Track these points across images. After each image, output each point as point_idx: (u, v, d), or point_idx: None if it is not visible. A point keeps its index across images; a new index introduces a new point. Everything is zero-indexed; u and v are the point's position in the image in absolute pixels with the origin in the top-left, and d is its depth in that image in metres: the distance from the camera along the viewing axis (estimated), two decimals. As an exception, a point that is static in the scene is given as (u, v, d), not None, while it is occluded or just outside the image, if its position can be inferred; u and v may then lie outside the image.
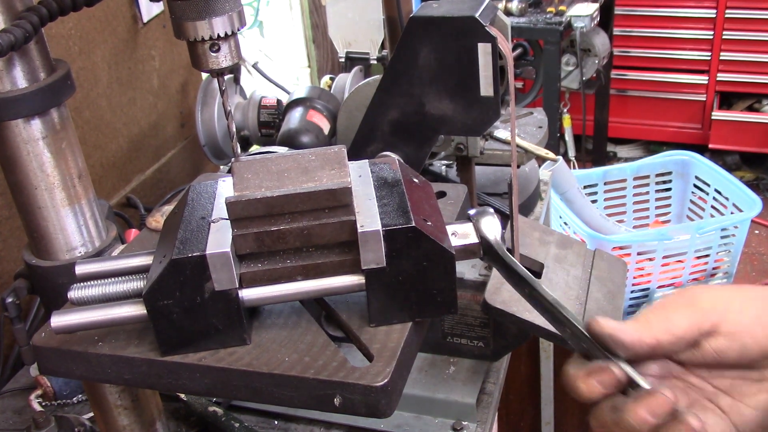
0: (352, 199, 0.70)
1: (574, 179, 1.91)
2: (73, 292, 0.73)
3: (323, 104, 1.67)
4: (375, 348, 0.70)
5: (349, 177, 0.71)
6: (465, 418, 1.14)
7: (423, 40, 1.16)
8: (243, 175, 0.72)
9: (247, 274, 0.71)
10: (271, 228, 0.69)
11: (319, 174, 0.72)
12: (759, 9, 3.80)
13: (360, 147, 1.29)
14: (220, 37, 0.73)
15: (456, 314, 1.03)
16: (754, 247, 3.52)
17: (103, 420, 0.94)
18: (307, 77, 2.96)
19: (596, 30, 3.48)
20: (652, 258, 1.88)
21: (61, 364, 0.76)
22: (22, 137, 0.83)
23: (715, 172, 2.04)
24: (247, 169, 0.73)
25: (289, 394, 0.71)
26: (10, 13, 0.79)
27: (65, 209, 0.88)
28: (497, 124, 1.44)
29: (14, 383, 1.36)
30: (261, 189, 0.70)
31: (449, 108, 1.19)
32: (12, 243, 1.45)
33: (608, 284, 1.16)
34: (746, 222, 1.87)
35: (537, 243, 1.21)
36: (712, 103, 4.07)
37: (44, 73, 0.83)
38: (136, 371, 0.74)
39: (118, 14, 1.72)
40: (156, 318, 0.70)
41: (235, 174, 0.73)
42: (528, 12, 3.46)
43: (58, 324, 0.72)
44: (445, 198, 0.92)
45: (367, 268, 0.69)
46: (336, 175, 0.71)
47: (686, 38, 4.02)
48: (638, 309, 1.97)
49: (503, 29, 1.21)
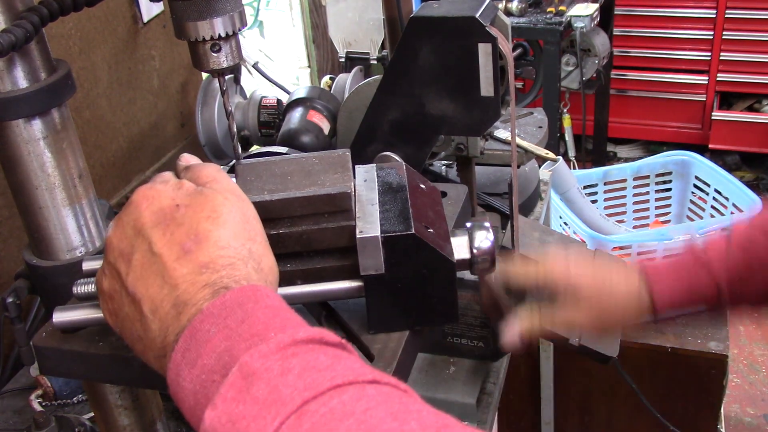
0: (351, 204, 0.70)
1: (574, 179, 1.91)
2: (78, 288, 0.74)
3: (323, 104, 1.67)
4: (376, 348, 0.70)
5: (351, 182, 0.71)
6: (465, 418, 1.14)
7: (423, 40, 1.16)
8: (246, 177, 0.72)
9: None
10: (271, 232, 0.69)
11: (323, 178, 0.71)
12: (759, 9, 3.80)
13: (360, 147, 1.29)
14: (221, 37, 0.73)
15: (456, 322, 1.03)
16: (754, 247, 3.52)
17: (103, 420, 0.94)
18: (307, 77, 2.96)
19: (596, 30, 3.48)
20: (652, 258, 1.88)
21: (61, 364, 0.76)
22: (22, 137, 0.83)
23: (715, 172, 2.05)
24: (250, 172, 0.73)
25: (289, 394, 0.70)
26: (11, 13, 0.79)
27: (66, 209, 0.88)
28: (497, 124, 1.44)
29: (14, 383, 1.36)
30: (263, 192, 0.70)
31: (449, 108, 1.19)
32: (12, 243, 1.45)
33: (608, 284, 1.16)
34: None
35: (537, 243, 1.22)
36: (712, 103, 4.07)
37: (45, 73, 0.83)
38: (136, 371, 0.74)
39: (118, 14, 1.72)
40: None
41: (238, 176, 0.73)
42: (528, 12, 3.46)
43: (60, 320, 0.72)
44: (445, 198, 0.92)
45: (366, 274, 0.69)
46: (339, 179, 0.71)
47: (686, 38, 4.02)
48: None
49: (503, 29, 1.21)
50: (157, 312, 0.56)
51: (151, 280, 0.57)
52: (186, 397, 0.53)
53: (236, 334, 0.53)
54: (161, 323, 0.56)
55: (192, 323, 0.54)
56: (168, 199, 0.61)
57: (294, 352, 0.51)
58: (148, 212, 0.60)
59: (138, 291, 0.58)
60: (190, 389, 0.52)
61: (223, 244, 0.59)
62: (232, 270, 0.58)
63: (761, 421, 2.66)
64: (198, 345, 0.53)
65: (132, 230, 0.60)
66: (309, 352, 0.51)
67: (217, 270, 0.57)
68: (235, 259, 0.58)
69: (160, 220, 0.59)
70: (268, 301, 0.56)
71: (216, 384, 0.51)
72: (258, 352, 0.50)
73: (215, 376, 0.51)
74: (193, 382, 0.52)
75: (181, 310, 0.56)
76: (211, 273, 0.57)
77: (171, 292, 0.56)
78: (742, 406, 2.71)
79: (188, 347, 0.54)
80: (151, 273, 0.57)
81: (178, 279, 0.57)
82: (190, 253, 0.57)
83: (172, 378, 0.54)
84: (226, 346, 0.52)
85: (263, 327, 0.53)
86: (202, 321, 0.54)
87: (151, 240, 0.58)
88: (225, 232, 0.59)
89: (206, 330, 0.54)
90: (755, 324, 3.07)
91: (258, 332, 0.53)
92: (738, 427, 2.64)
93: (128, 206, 0.62)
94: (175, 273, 0.57)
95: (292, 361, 0.50)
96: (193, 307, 0.55)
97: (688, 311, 0.92)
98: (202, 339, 0.53)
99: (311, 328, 0.54)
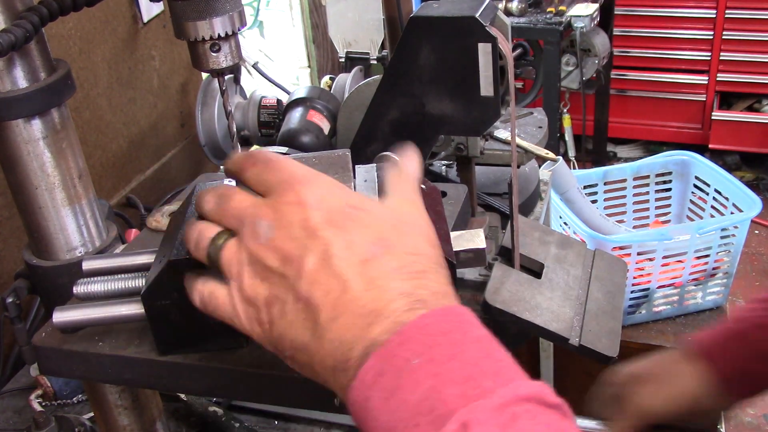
0: None
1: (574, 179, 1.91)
2: (78, 287, 0.74)
3: (323, 104, 1.67)
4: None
5: (352, 182, 0.71)
6: (465, 418, 1.14)
7: (423, 40, 1.16)
8: None
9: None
10: None
11: None
12: (759, 9, 3.80)
13: (360, 147, 1.29)
14: (220, 37, 0.73)
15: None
16: (754, 247, 3.52)
17: (103, 420, 0.94)
18: (307, 77, 2.96)
19: (596, 30, 3.48)
20: (652, 258, 1.88)
21: (61, 364, 0.76)
22: (22, 137, 0.83)
23: (715, 172, 2.04)
24: None
25: (289, 394, 0.71)
26: (11, 13, 0.79)
27: (65, 209, 0.88)
28: (497, 124, 1.44)
29: (14, 383, 1.36)
30: None
31: (449, 108, 1.19)
32: (12, 243, 1.45)
33: (608, 284, 1.16)
34: (746, 222, 1.87)
35: (537, 243, 1.21)
36: (712, 103, 4.07)
37: (45, 73, 0.83)
38: (136, 371, 0.74)
39: (118, 14, 1.72)
40: (153, 318, 0.70)
41: None
42: (528, 12, 3.46)
43: (60, 320, 0.72)
44: (445, 198, 0.92)
45: None
46: (339, 179, 0.71)
47: (686, 38, 4.02)
48: (638, 309, 1.97)
49: (503, 29, 1.21)
50: (338, 320, 0.51)
51: (332, 285, 0.52)
52: (378, 428, 0.48)
53: (445, 371, 0.47)
54: (343, 333, 0.51)
55: (388, 344, 0.49)
56: (339, 199, 0.56)
57: (514, 413, 0.45)
58: (321, 212, 0.54)
59: (315, 297, 0.52)
60: (386, 423, 0.48)
61: (413, 250, 0.54)
62: (426, 280, 0.53)
63: (761, 421, 2.66)
64: (397, 373, 0.48)
65: (302, 231, 0.54)
66: (531, 418, 0.46)
67: (412, 277, 0.52)
68: (429, 265, 0.54)
69: (336, 221, 0.54)
70: (475, 332, 0.51)
71: (422, 430, 0.46)
72: (479, 408, 0.45)
73: (421, 419, 0.46)
74: (390, 416, 0.47)
75: (371, 320, 0.50)
76: (404, 280, 0.52)
77: (358, 298, 0.51)
78: (742, 406, 2.71)
79: (383, 372, 0.48)
80: (331, 277, 0.52)
81: (365, 284, 0.51)
82: (378, 258, 0.52)
83: (357, 399, 0.50)
84: (432, 384, 0.47)
85: (476, 369, 0.48)
86: (401, 345, 0.49)
87: (329, 242, 0.53)
88: (415, 238, 0.55)
89: (406, 357, 0.48)
90: (755, 324, 3.06)
91: (471, 376, 0.47)
92: (738, 427, 2.64)
93: (288, 205, 0.55)
94: (362, 278, 0.51)
95: (512, 428, 0.44)
96: (386, 319, 0.50)
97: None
98: (401, 367, 0.48)
99: (531, 382, 0.48)
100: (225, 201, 0.58)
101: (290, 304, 0.53)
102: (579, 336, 0.99)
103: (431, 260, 0.54)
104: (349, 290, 0.51)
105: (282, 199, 0.55)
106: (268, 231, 0.54)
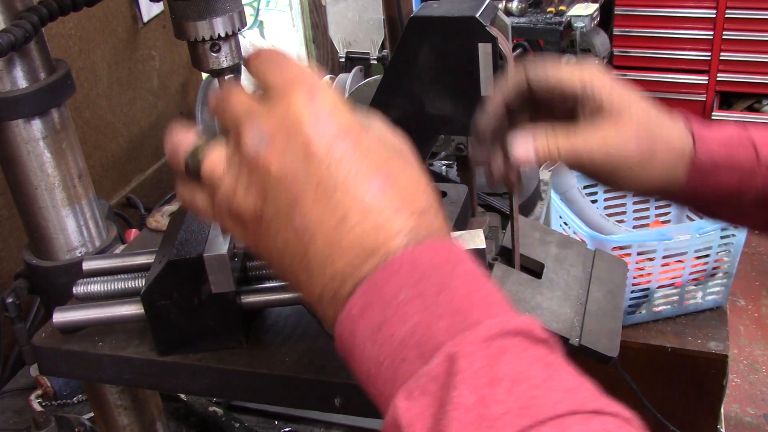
0: None
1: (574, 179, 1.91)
2: (78, 288, 0.74)
3: (323, 104, 1.67)
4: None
5: None
6: (465, 418, 1.14)
7: (423, 40, 1.16)
8: None
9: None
10: None
11: None
12: (759, 9, 3.80)
13: (360, 147, 1.29)
14: (220, 37, 0.73)
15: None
16: (754, 247, 3.52)
17: (103, 420, 0.94)
18: (307, 77, 2.95)
19: (596, 30, 3.48)
20: (652, 258, 1.88)
21: (61, 364, 0.76)
22: (22, 137, 0.83)
23: (715, 172, 2.05)
24: None
25: (289, 394, 0.71)
26: (10, 13, 0.79)
27: (65, 209, 0.88)
28: (497, 124, 1.44)
29: (14, 383, 1.36)
30: None
31: (449, 108, 1.19)
32: (12, 243, 1.45)
33: (608, 284, 1.16)
34: (746, 222, 1.87)
35: (537, 243, 1.21)
36: (712, 103, 4.07)
37: (44, 73, 0.83)
38: (136, 371, 0.74)
39: (118, 14, 1.72)
40: (153, 318, 0.70)
41: None
42: (528, 12, 3.46)
43: (60, 320, 0.72)
44: (445, 198, 0.92)
45: None
46: None
47: (686, 38, 4.02)
48: (638, 309, 1.97)
49: (503, 29, 1.21)
50: (332, 256, 0.47)
51: (328, 217, 0.47)
52: (365, 362, 0.46)
53: (433, 305, 0.45)
54: (334, 269, 0.47)
55: (376, 277, 0.46)
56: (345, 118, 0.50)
57: (502, 346, 0.43)
58: (323, 131, 0.48)
59: (308, 227, 0.47)
60: (373, 356, 0.45)
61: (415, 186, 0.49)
62: (427, 216, 0.49)
63: (761, 421, 2.66)
64: (383, 306, 0.45)
65: (299, 152, 0.48)
66: (519, 353, 0.43)
67: (413, 215, 0.48)
68: (429, 202, 0.49)
69: (339, 146, 0.48)
70: (465, 265, 0.48)
71: (410, 364, 0.44)
72: (466, 340, 0.43)
73: (408, 352, 0.44)
74: (377, 350, 0.45)
75: (365, 258, 0.47)
76: (407, 218, 0.47)
77: (355, 234, 0.47)
78: (742, 406, 2.71)
79: (370, 304, 0.46)
80: (327, 208, 0.47)
81: (364, 219, 0.47)
82: (383, 192, 0.48)
83: (343, 332, 0.47)
84: (420, 318, 0.44)
85: (465, 303, 0.45)
86: (388, 278, 0.46)
87: (329, 168, 0.47)
88: (415, 170, 0.50)
89: (393, 291, 0.45)
90: (755, 324, 3.07)
91: (460, 309, 0.45)
92: (738, 427, 2.64)
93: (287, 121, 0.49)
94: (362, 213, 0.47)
95: (500, 363, 0.42)
96: (380, 256, 0.46)
97: (722, 183, 0.75)
98: (388, 301, 0.45)
99: (519, 316, 0.46)
100: (224, 100, 0.53)
101: (281, 230, 0.49)
102: (579, 336, 0.99)
103: (430, 196, 0.50)
104: (346, 223, 0.47)
105: (281, 105, 0.50)
106: (259, 142, 0.49)
